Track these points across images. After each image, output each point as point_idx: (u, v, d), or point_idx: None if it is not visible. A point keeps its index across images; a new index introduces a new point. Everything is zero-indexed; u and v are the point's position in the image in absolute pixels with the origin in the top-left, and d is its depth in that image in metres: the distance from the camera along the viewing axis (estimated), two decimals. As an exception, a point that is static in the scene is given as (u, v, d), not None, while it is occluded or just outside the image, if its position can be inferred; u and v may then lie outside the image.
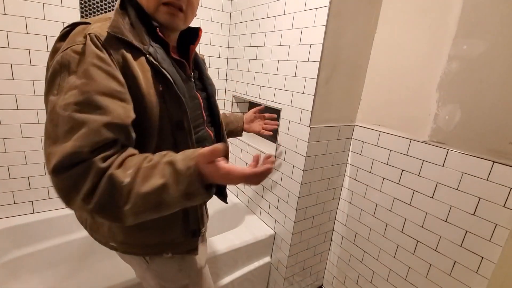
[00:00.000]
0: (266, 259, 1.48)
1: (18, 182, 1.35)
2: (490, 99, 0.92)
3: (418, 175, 1.11)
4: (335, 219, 1.51)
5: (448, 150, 1.02)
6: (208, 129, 0.77)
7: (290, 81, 1.25)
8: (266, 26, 1.39)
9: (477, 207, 0.95)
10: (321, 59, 1.10)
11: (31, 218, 1.39)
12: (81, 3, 1.29)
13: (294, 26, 1.21)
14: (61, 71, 0.51)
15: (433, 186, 1.07)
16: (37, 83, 1.29)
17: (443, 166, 1.03)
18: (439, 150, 1.04)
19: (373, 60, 1.28)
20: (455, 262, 1.02)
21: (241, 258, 1.36)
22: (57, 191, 0.48)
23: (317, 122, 1.19)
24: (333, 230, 1.53)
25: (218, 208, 1.71)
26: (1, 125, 1.25)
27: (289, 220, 1.33)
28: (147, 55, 0.58)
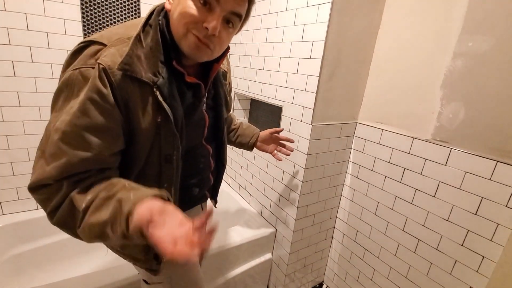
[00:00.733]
0: (268, 256, 1.49)
1: (21, 179, 1.37)
2: (495, 98, 0.91)
3: (421, 174, 1.10)
4: (337, 217, 1.51)
5: (451, 149, 1.01)
6: (207, 144, 0.78)
7: (292, 78, 1.24)
8: (268, 23, 1.37)
9: (479, 207, 0.95)
10: (323, 56, 1.09)
11: (35, 214, 1.41)
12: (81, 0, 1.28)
13: (296, 22, 1.19)
14: (64, 90, 0.53)
15: (435, 185, 1.06)
16: (38, 80, 1.29)
17: (446, 165, 1.02)
18: (442, 149, 1.03)
19: (376, 57, 1.27)
20: (456, 261, 1.02)
21: (242, 254, 1.37)
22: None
23: (319, 120, 1.19)
24: (334, 227, 1.53)
25: (219, 205, 1.72)
26: (3, 122, 1.26)
27: (290, 217, 1.33)
28: (154, 89, 0.57)
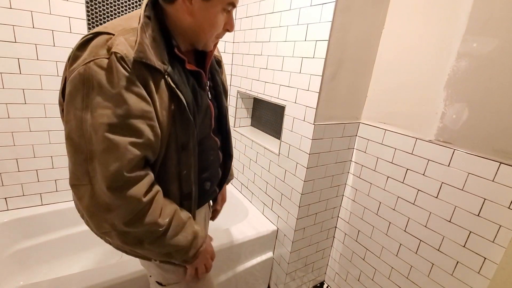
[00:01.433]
0: (269, 254, 1.49)
1: (26, 175, 1.38)
2: (499, 99, 0.90)
3: (423, 175, 1.10)
4: (338, 217, 1.51)
5: (454, 150, 1.00)
6: (215, 137, 0.79)
7: (295, 77, 1.24)
8: (272, 22, 1.37)
9: (481, 208, 0.94)
10: (326, 56, 1.09)
11: (40, 210, 1.43)
12: (86, -2, 1.29)
13: (300, 22, 1.19)
14: (85, 86, 0.51)
15: (438, 186, 1.06)
16: (44, 78, 1.30)
17: (449, 166, 1.02)
18: (445, 150, 1.03)
19: (379, 56, 1.26)
20: (458, 262, 1.01)
21: (244, 253, 1.38)
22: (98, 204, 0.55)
23: (321, 119, 1.19)
24: (335, 227, 1.54)
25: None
26: (9, 119, 1.27)
27: (292, 216, 1.34)
28: (166, 76, 0.58)
